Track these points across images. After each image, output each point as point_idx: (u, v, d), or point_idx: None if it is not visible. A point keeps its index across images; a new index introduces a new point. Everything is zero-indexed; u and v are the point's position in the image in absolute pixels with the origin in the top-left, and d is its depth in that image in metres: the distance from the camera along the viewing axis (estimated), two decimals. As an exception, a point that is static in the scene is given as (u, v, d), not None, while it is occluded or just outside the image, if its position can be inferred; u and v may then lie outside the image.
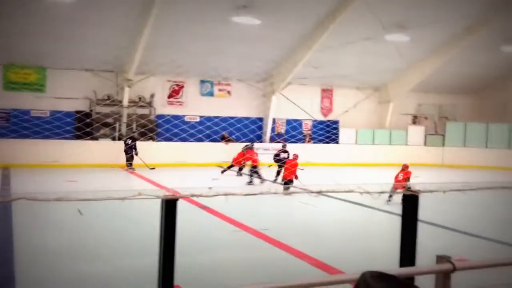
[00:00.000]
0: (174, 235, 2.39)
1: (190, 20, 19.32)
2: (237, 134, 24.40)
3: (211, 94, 25.05)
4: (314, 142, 26.29)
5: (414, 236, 3.04)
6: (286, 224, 10.65)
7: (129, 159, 20.94)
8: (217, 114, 24.41)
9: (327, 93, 27.70)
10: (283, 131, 26.26)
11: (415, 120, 28.89)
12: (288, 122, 26.38)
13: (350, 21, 19.86)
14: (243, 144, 21.09)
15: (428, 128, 28.54)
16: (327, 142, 26.06)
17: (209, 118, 24.35)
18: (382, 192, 3.18)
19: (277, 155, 18.48)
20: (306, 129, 27.03)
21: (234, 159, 19.95)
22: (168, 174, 19.51)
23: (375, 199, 3.17)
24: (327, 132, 26.59)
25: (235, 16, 18.63)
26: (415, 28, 21.10)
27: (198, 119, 24.45)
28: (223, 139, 24.20)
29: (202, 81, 24.83)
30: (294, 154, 16.19)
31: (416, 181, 14.32)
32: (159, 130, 23.07)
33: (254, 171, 17.95)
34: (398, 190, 13.00)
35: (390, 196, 12.46)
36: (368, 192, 2.94)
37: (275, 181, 17.71)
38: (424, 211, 3.32)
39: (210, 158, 22.51)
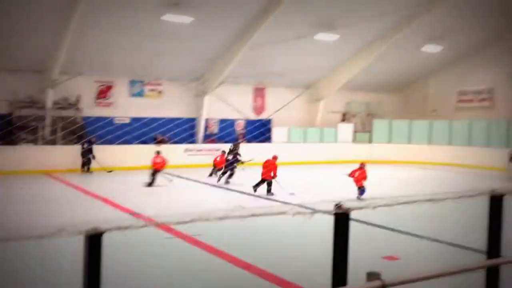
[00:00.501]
0: (99, 275, 2.22)
1: (118, 18, 18.67)
2: (169, 134, 24.01)
3: (141, 94, 24.41)
4: (247, 141, 26.38)
5: (345, 255, 3.05)
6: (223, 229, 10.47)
7: (86, 162, 20.47)
8: (148, 115, 23.87)
9: (259, 92, 27.87)
10: (216, 131, 26.13)
11: (344, 117, 29.76)
12: (221, 121, 26.28)
13: (282, 19, 20.04)
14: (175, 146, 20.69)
15: (356, 125, 29.52)
16: (261, 141, 26.28)
17: (139, 119, 23.73)
18: (315, 212, 3.15)
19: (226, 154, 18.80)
20: (239, 129, 27.05)
21: (218, 162, 19.43)
22: (100, 180, 18.85)
23: (308, 219, 3.15)
24: (260, 131, 26.78)
25: (166, 13, 18.22)
26: (343, 28, 21.72)
27: (128, 121, 23.74)
28: (155, 140, 23.66)
29: (132, 81, 24.14)
30: (273, 156, 15.99)
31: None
32: (86, 131, 22.13)
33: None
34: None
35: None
36: (299, 213, 2.91)
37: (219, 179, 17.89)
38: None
39: (140, 160, 21.87)
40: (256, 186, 15.41)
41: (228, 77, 24.23)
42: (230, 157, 18.37)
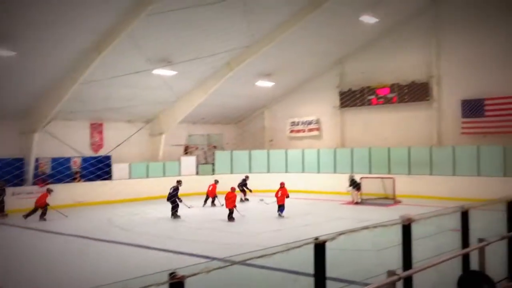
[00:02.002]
0: None
1: None
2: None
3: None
4: (84, 180, 24.78)
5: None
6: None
7: None
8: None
9: (97, 127, 26.53)
10: (48, 170, 24.03)
11: (186, 150, 29.83)
12: (54, 160, 24.28)
13: (116, 54, 19.48)
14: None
15: (199, 158, 29.78)
16: (100, 178, 24.93)
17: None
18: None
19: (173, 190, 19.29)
20: (75, 167, 25.30)
21: (210, 191, 22.23)
22: None
23: None
24: (98, 168, 25.39)
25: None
26: (181, 63, 21.98)
27: None
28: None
29: None
30: (231, 187, 18.75)
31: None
32: None
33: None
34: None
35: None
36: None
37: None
38: None
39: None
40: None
41: (61, 113, 22.65)
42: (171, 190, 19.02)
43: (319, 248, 4.07)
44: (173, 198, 18.70)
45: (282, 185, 18.18)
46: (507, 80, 22.41)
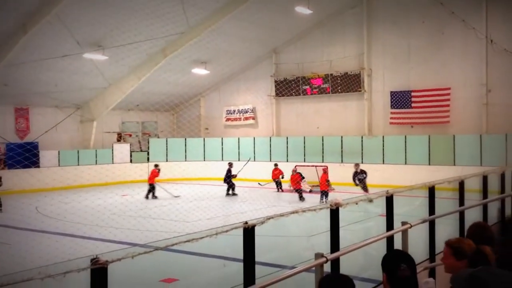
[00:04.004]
0: None
1: None
2: None
3: None
4: (9, 168, 23.48)
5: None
6: None
7: None
8: None
9: (22, 112, 25.18)
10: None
11: (119, 138, 29.03)
12: (-25, 147, 22.84)
13: (43, 36, 18.57)
14: None
15: (133, 145, 29.08)
16: (26, 167, 23.70)
17: None
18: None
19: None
20: (-1, 154, 23.93)
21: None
22: None
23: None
24: (25, 156, 24.11)
25: None
26: (113, 48, 21.25)
27: None
28: None
29: None
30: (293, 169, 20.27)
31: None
32: None
33: None
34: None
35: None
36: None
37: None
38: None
39: None
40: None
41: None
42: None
43: (248, 232, 4.07)
44: (228, 179, 21.84)
45: (324, 170, 18.27)
46: (432, 73, 23.56)
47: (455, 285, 2.84)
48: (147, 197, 21.07)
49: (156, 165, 22.17)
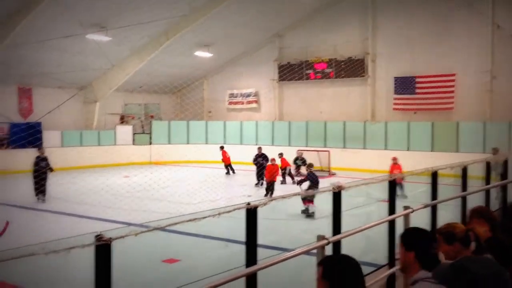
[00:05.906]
0: None
1: None
2: None
3: None
4: (13, 147, 23.54)
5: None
6: None
7: None
8: None
9: (25, 92, 25.17)
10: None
11: (122, 119, 29.03)
12: (-22, 127, 22.87)
13: (46, 16, 18.45)
14: None
15: (135, 127, 29.10)
16: (30, 146, 23.73)
17: None
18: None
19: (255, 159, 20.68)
20: (2, 134, 23.97)
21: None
22: None
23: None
24: (28, 135, 24.15)
25: None
26: (116, 29, 21.12)
27: None
28: None
29: None
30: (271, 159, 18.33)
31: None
32: None
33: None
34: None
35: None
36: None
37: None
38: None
39: None
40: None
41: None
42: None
43: (251, 213, 4.09)
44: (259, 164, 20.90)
45: (394, 160, 16.37)
46: (436, 59, 23.38)
47: (439, 278, 2.85)
48: (228, 173, 23.59)
49: (222, 147, 24.25)
